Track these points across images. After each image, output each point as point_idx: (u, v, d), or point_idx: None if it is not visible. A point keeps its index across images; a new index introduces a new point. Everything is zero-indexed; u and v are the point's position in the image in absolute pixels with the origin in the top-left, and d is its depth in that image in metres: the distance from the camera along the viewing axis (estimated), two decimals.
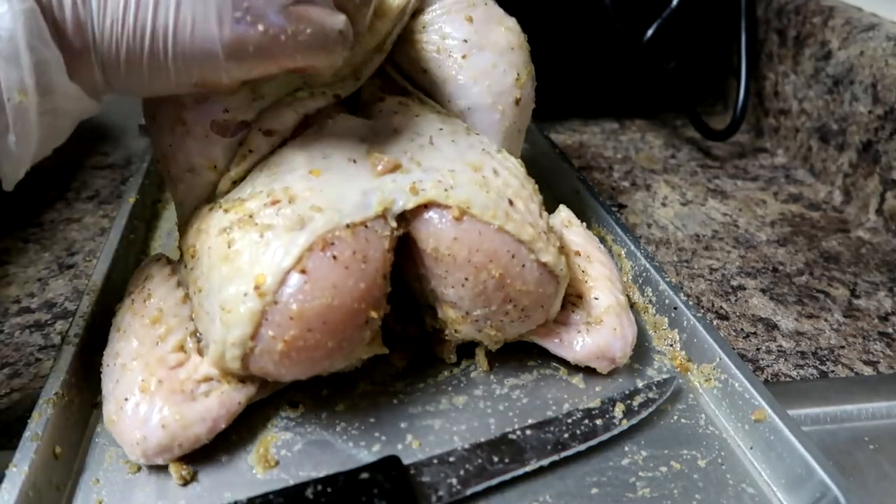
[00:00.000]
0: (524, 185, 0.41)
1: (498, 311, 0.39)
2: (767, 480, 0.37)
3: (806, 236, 0.63)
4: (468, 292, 0.38)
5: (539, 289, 0.39)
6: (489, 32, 0.45)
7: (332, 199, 0.36)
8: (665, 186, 0.71)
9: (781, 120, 0.78)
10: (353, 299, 0.34)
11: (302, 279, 0.34)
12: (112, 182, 0.66)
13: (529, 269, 0.38)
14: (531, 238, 0.38)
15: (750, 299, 0.54)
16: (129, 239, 0.51)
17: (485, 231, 0.37)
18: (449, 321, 0.40)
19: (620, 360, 0.42)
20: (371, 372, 0.42)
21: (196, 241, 0.38)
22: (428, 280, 0.39)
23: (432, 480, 0.35)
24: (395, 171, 0.38)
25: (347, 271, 0.34)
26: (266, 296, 0.33)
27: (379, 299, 0.36)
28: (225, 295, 0.34)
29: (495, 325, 0.39)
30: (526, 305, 0.39)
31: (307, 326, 0.34)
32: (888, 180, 0.63)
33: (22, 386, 0.43)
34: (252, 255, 0.34)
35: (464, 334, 0.40)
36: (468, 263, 0.37)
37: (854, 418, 0.42)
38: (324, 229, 0.35)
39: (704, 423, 0.40)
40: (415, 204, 0.37)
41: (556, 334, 0.42)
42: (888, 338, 0.50)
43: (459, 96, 0.44)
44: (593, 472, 0.37)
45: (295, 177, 0.38)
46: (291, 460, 0.37)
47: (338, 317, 0.34)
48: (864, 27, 0.66)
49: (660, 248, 0.60)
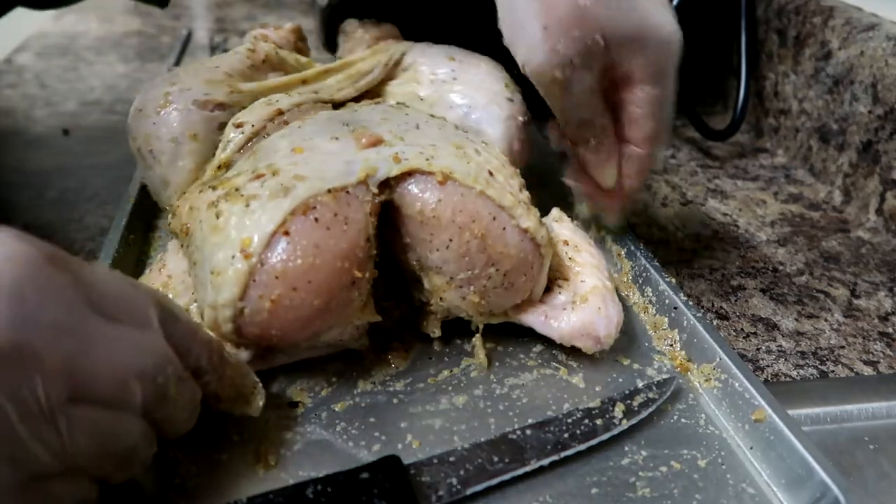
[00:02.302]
0: (505, 166, 0.43)
1: (481, 274, 0.40)
2: (767, 480, 0.37)
3: (806, 236, 0.63)
4: (452, 254, 0.39)
5: (520, 253, 0.40)
6: (472, 64, 0.51)
7: (315, 169, 0.38)
8: (665, 186, 0.71)
9: (781, 120, 0.78)
10: (336, 257, 0.36)
11: (286, 240, 0.35)
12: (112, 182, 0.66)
13: (510, 233, 0.40)
14: (511, 204, 0.40)
15: (750, 299, 0.54)
16: (129, 239, 0.51)
17: (467, 194, 0.39)
18: (434, 289, 0.41)
19: (605, 339, 0.42)
20: (371, 372, 0.42)
21: (189, 219, 0.40)
22: (413, 248, 0.40)
23: (432, 480, 0.35)
24: (379, 145, 0.40)
25: (329, 232, 0.36)
26: (252, 257, 0.35)
27: (363, 260, 0.37)
28: (215, 261, 0.36)
29: (479, 291, 0.40)
30: (508, 270, 0.40)
31: (292, 285, 0.35)
32: (888, 180, 0.63)
33: None
34: (239, 223, 0.36)
35: (448, 302, 0.41)
36: (452, 224, 0.39)
37: (854, 418, 0.42)
38: (306, 195, 0.36)
39: (704, 423, 0.40)
40: (398, 171, 0.39)
41: (541, 312, 0.43)
42: (888, 338, 0.50)
43: (457, 100, 0.48)
44: (593, 472, 0.37)
45: (279, 156, 0.40)
46: (291, 460, 0.37)
47: (321, 275, 0.36)
48: (864, 27, 0.66)
49: (660, 248, 0.60)
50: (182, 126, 0.44)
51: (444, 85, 0.50)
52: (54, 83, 0.90)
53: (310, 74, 0.50)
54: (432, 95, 0.49)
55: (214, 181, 0.41)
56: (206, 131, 0.44)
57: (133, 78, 0.92)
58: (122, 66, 0.97)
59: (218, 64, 0.48)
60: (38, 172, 0.67)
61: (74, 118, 0.79)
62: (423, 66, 0.51)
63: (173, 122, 0.44)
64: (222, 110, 0.45)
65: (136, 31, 1.12)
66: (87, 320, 0.27)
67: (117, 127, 0.77)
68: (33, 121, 0.78)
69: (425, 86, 0.50)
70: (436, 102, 0.49)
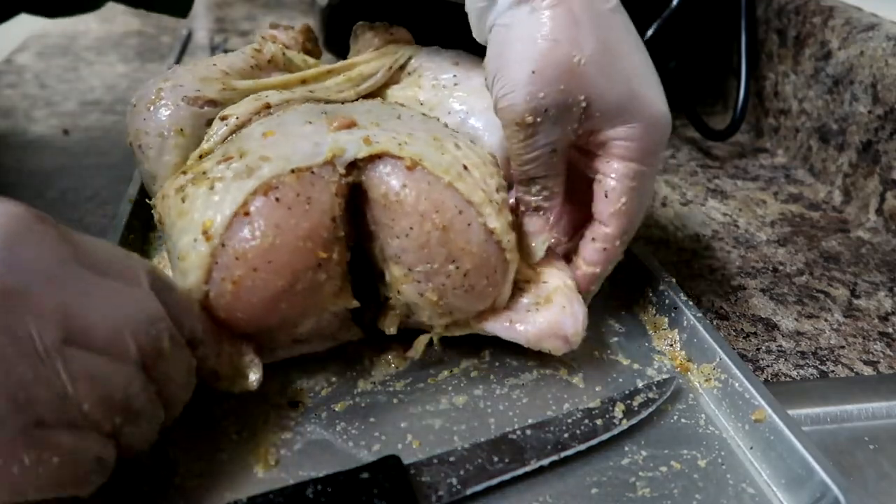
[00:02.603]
0: (486, 164, 0.41)
1: (440, 270, 0.38)
2: (767, 480, 0.37)
3: (806, 236, 0.63)
4: (412, 243, 0.38)
5: (483, 253, 0.39)
6: (474, 70, 0.49)
7: (282, 150, 0.38)
8: (665, 186, 0.71)
9: (781, 120, 0.78)
10: (297, 237, 0.36)
11: (245, 220, 0.35)
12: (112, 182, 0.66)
13: (475, 230, 0.38)
14: (480, 201, 0.38)
15: (750, 299, 0.54)
16: (129, 239, 0.51)
17: (434, 183, 0.38)
18: (392, 280, 0.40)
19: (573, 338, 0.41)
20: (371, 372, 0.42)
21: (162, 206, 0.40)
22: (377, 235, 0.39)
23: (432, 480, 0.35)
24: (351, 128, 0.39)
25: (290, 212, 0.36)
26: (213, 239, 0.35)
27: (328, 240, 0.37)
28: (180, 245, 0.36)
29: (437, 288, 0.39)
30: (469, 270, 0.39)
31: (252, 266, 0.35)
32: (888, 180, 0.63)
33: None
34: (203, 205, 0.36)
35: (406, 296, 0.40)
36: (414, 211, 0.38)
37: (854, 418, 0.42)
38: (269, 175, 0.36)
39: (704, 423, 0.40)
40: (367, 153, 0.38)
41: (504, 317, 0.42)
42: (888, 338, 0.50)
43: (456, 106, 0.48)
44: (593, 472, 0.37)
45: (251, 141, 0.40)
46: (291, 460, 0.37)
47: (282, 255, 0.35)
48: (864, 27, 0.66)
49: (660, 248, 0.60)
50: (170, 121, 0.44)
51: (444, 90, 0.49)
52: (54, 83, 0.90)
53: (310, 74, 0.49)
54: (432, 100, 0.49)
55: (186, 166, 0.41)
56: (194, 127, 0.44)
57: (133, 78, 0.92)
58: (122, 66, 0.97)
59: (217, 62, 0.48)
60: (38, 172, 0.67)
61: (74, 118, 0.79)
62: (427, 70, 0.51)
63: (161, 117, 0.44)
64: (213, 107, 0.45)
65: (136, 31, 1.12)
66: (78, 272, 0.28)
67: (117, 127, 0.77)
68: (33, 121, 0.78)
69: (426, 90, 0.49)
70: (435, 107, 0.48)
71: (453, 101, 0.48)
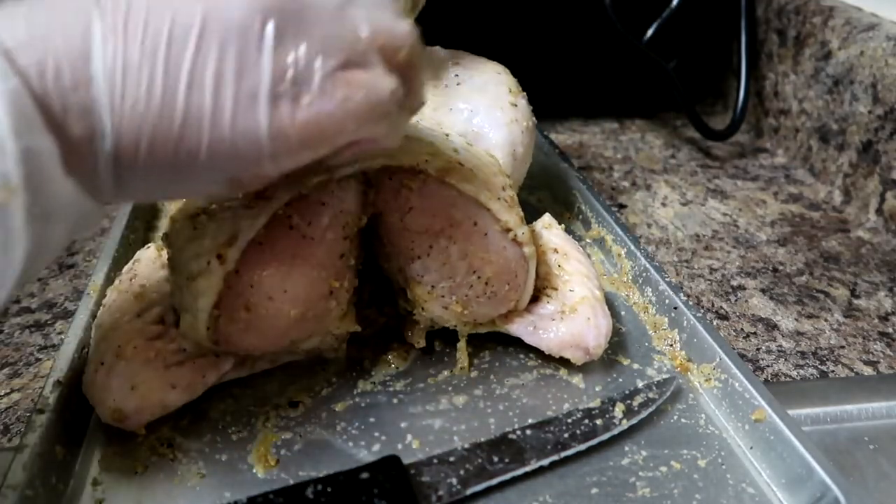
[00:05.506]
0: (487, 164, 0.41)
1: (462, 282, 0.39)
2: (767, 480, 0.37)
3: (806, 236, 0.63)
4: (432, 262, 0.38)
5: (502, 259, 0.39)
6: (477, 67, 0.50)
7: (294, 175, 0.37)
8: (665, 186, 0.71)
9: (781, 120, 0.78)
10: (312, 267, 0.36)
11: (261, 249, 0.35)
12: None
13: (493, 238, 0.39)
14: (489, 201, 0.38)
15: (750, 299, 0.54)
16: (129, 239, 0.51)
17: (446, 196, 0.38)
18: (417, 300, 0.40)
19: (594, 350, 0.41)
20: (371, 372, 0.42)
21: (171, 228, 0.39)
22: (396, 258, 0.39)
23: (432, 480, 0.35)
24: None
25: (305, 240, 0.35)
26: (227, 264, 0.35)
27: (341, 269, 0.37)
28: (192, 267, 0.36)
29: (461, 300, 0.40)
30: (490, 277, 0.39)
31: (267, 294, 0.35)
32: (888, 180, 0.63)
33: (22, 386, 0.43)
34: (217, 231, 0.36)
35: (431, 312, 0.40)
36: (431, 230, 0.38)
37: (854, 418, 0.42)
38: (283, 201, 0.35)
39: (704, 423, 0.40)
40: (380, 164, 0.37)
41: (529, 322, 0.42)
42: (888, 338, 0.50)
43: (460, 104, 0.48)
44: (593, 471, 0.37)
45: None
46: (291, 460, 0.37)
47: (298, 285, 0.35)
48: (864, 27, 0.66)
49: (660, 248, 0.60)
50: None
51: (447, 89, 0.49)
52: None
53: None
54: (435, 99, 0.49)
55: None
56: None
57: None
58: None
59: None
60: None
61: None
62: None
63: None
64: None
65: None
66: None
67: None
68: None
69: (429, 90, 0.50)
70: (439, 106, 0.49)
71: (457, 100, 0.49)
